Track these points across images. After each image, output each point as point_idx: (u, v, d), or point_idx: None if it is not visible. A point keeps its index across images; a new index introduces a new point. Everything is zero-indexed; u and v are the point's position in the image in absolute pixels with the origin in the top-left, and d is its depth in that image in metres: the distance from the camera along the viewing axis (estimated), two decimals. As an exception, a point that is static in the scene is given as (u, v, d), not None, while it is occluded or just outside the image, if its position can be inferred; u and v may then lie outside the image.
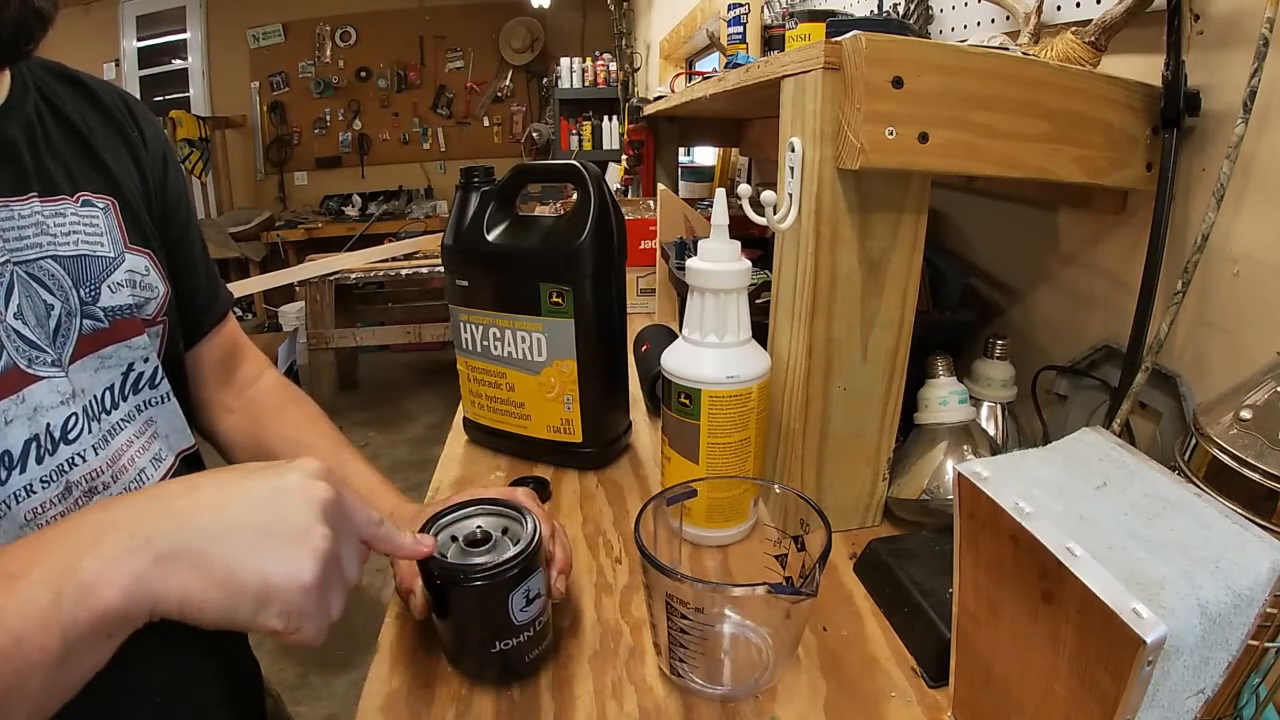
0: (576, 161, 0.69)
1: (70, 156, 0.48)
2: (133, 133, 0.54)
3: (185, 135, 4.61)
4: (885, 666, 0.48)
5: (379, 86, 5.20)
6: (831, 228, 0.53)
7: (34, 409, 0.42)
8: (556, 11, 4.82)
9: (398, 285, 3.74)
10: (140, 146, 0.55)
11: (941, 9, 0.88)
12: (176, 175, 0.58)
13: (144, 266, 0.51)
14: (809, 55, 0.50)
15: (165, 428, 0.52)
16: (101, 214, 0.49)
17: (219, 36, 4.91)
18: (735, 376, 0.56)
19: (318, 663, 1.84)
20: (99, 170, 0.50)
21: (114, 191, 0.50)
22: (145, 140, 0.55)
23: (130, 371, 0.49)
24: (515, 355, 0.73)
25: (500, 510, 0.49)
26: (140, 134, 0.55)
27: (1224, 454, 0.37)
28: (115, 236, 0.49)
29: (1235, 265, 0.53)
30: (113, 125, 0.53)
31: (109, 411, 0.47)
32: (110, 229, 0.49)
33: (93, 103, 0.52)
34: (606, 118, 4.36)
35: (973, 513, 0.37)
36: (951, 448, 0.61)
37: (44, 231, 0.44)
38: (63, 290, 0.45)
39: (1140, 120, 0.55)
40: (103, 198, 0.49)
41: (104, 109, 0.53)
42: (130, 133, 0.54)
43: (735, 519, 0.60)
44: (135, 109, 0.56)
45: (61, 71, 0.52)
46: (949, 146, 0.49)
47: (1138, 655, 0.28)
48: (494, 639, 0.45)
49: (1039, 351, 0.75)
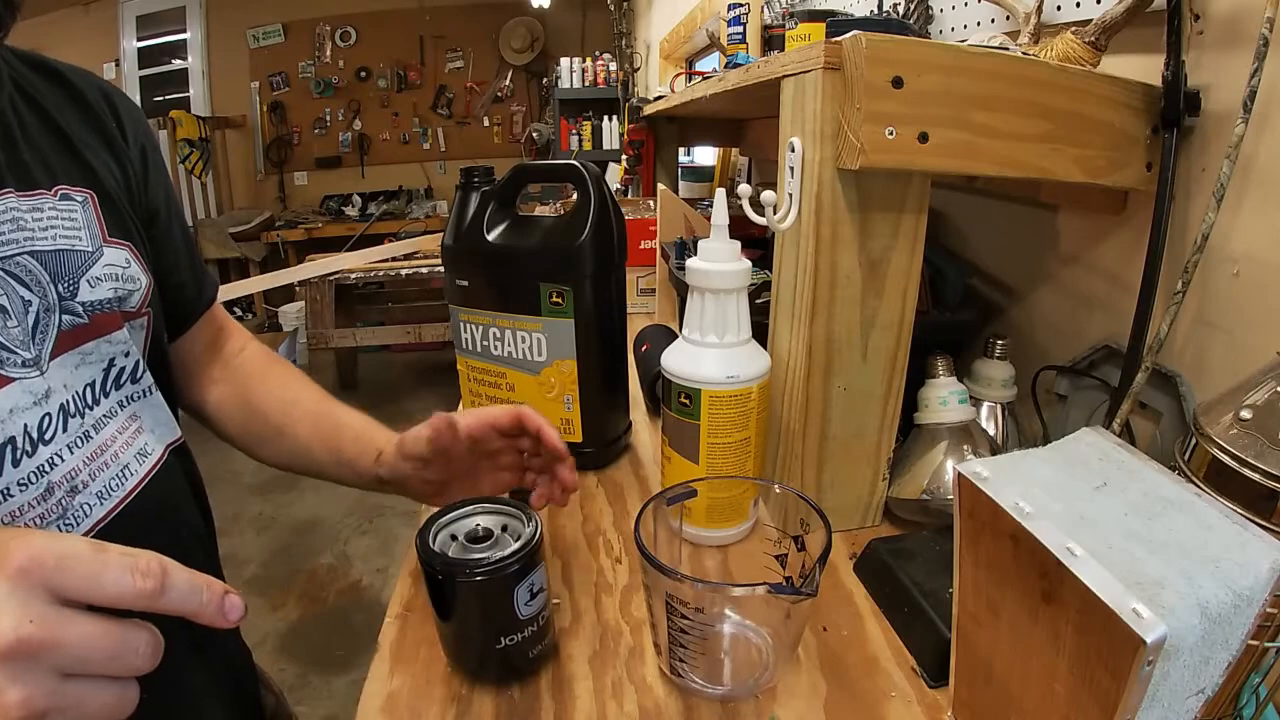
0: (576, 161, 0.69)
1: (48, 149, 0.47)
2: (111, 124, 0.53)
3: (185, 135, 4.62)
4: (885, 666, 0.48)
5: (379, 86, 5.21)
6: (831, 228, 0.53)
7: (9, 411, 0.41)
8: (556, 11, 4.82)
9: (398, 285, 3.74)
10: (119, 139, 0.54)
11: (941, 9, 0.88)
12: (158, 167, 0.57)
13: (124, 259, 0.50)
14: (809, 55, 0.50)
15: (151, 421, 0.52)
16: (80, 207, 0.48)
17: (219, 36, 4.92)
18: (735, 376, 0.56)
19: (318, 663, 1.84)
20: (77, 163, 0.49)
21: (93, 184, 0.49)
22: (124, 132, 0.54)
23: (112, 366, 0.48)
24: (515, 355, 0.73)
25: (500, 508, 0.49)
26: (119, 126, 0.54)
27: (1224, 454, 0.37)
28: (94, 230, 0.48)
29: (1235, 265, 0.53)
30: (91, 117, 0.52)
31: (91, 407, 0.47)
32: (89, 222, 0.48)
33: (70, 94, 0.51)
34: (606, 118, 4.36)
35: (973, 513, 0.37)
36: (951, 448, 0.61)
37: (20, 227, 0.44)
38: (40, 286, 0.44)
39: (1140, 120, 0.55)
40: (81, 191, 0.48)
41: (82, 100, 0.52)
42: (109, 124, 0.53)
43: (735, 519, 0.60)
44: (115, 100, 0.55)
45: (38, 62, 0.51)
46: (949, 146, 0.49)
47: (1138, 655, 0.28)
48: (498, 635, 0.45)
49: (1039, 351, 0.75)
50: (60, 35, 4.37)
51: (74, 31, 4.53)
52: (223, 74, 4.98)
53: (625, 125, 2.55)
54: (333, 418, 0.62)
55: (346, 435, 0.60)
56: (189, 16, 4.84)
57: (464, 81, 5.29)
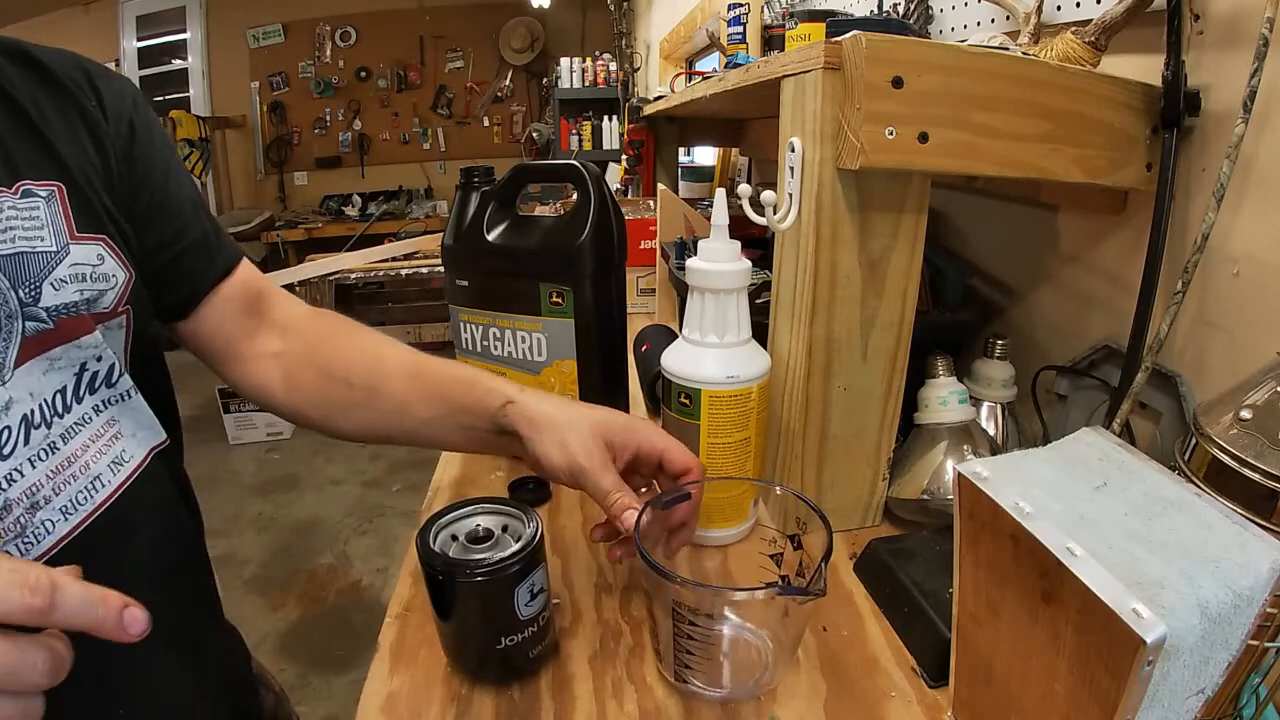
0: (576, 161, 0.69)
1: (13, 142, 0.45)
2: (90, 103, 0.50)
3: (185, 135, 4.62)
4: (885, 666, 0.48)
5: (379, 86, 5.21)
6: (831, 228, 0.53)
7: None
8: (556, 11, 4.82)
9: (398, 285, 3.75)
10: (99, 118, 0.51)
11: (941, 9, 0.88)
12: (147, 137, 0.53)
13: (96, 255, 0.47)
14: (809, 55, 0.50)
15: (132, 425, 0.50)
16: (44, 203, 0.45)
17: (219, 36, 4.92)
18: (735, 376, 0.56)
19: (318, 663, 1.84)
20: (45, 154, 0.47)
21: (61, 175, 0.47)
22: (105, 109, 0.51)
23: (84, 371, 0.46)
24: (515, 355, 0.73)
25: (501, 508, 0.49)
26: (100, 104, 0.51)
27: (1224, 454, 0.37)
28: (59, 227, 0.45)
29: (1235, 265, 0.53)
30: (67, 100, 0.49)
31: (61, 415, 0.44)
32: (53, 219, 0.45)
33: (45, 79, 0.49)
34: (606, 118, 4.36)
35: (973, 513, 0.37)
36: (951, 448, 0.61)
37: None
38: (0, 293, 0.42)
39: (1140, 120, 0.55)
40: (46, 184, 0.46)
41: (58, 85, 0.49)
42: (88, 104, 0.50)
43: (735, 519, 0.60)
44: (94, 75, 0.52)
45: (16, 51, 0.48)
46: (949, 146, 0.49)
47: (1138, 655, 0.28)
48: (498, 635, 0.45)
49: (1039, 351, 0.75)
50: (60, 35, 4.37)
51: (74, 31, 4.54)
52: (223, 74, 4.98)
53: (625, 125, 2.55)
54: (432, 367, 0.57)
55: (457, 385, 0.55)
56: (189, 16, 4.85)
57: (464, 81, 5.29)
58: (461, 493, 0.73)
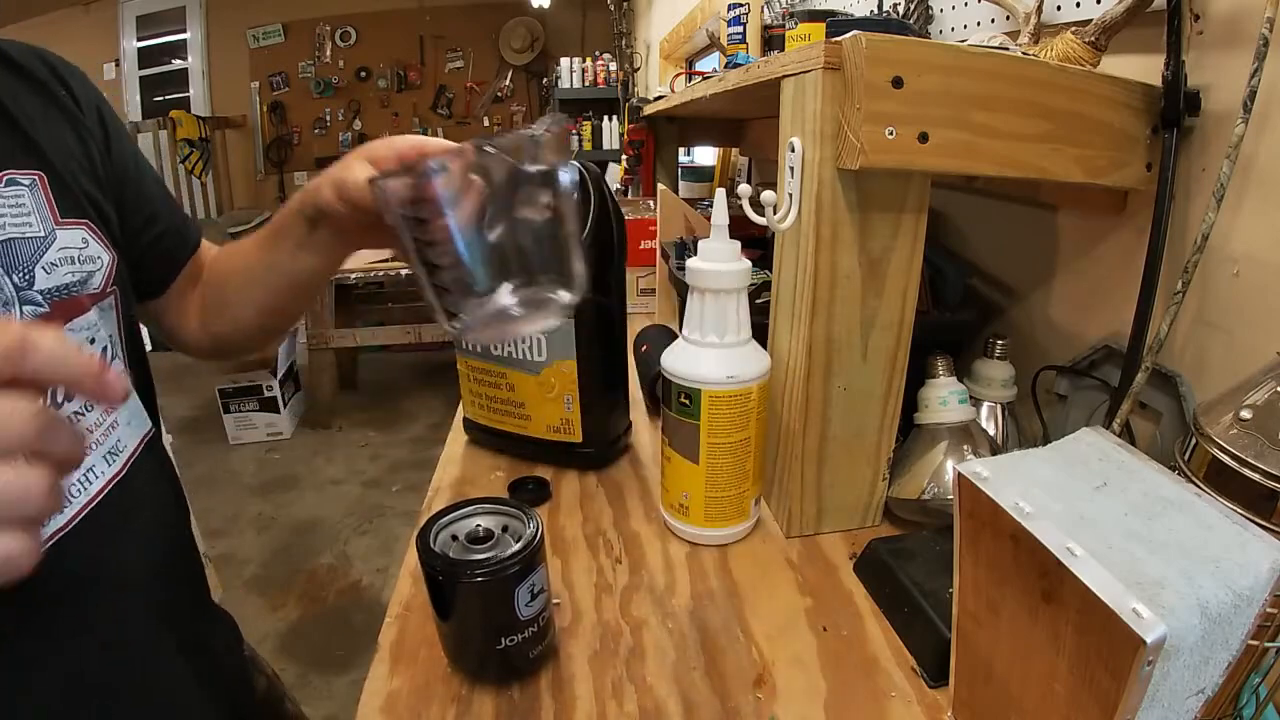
0: (576, 161, 0.69)
1: None
2: (62, 93, 0.52)
3: (185, 135, 4.62)
4: (885, 666, 0.48)
5: (379, 86, 5.21)
6: (831, 228, 0.53)
7: None
8: (556, 11, 4.82)
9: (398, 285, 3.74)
10: (74, 108, 0.52)
11: (941, 9, 0.88)
12: (117, 128, 0.56)
13: (81, 239, 0.48)
14: (809, 55, 0.50)
15: (126, 414, 0.50)
16: (28, 191, 0.46)
17: (219, 36, 4.92)
18: (735, 376, 0.56)
19: (318, 663, 1.84)
20: (25, 144, 0.47)
21: (41, 164, 0.48)
22: (78, 100, 0.53)
23: None
24: (515, 355, 0.73)
25: (500, 509, 0.49)
26: (71, 94, 0.52)
27: (1224, 454, 0.37)
28: (45, 214, 0.46)
29: (1235, 265, 0.53)
30: (39, 91, 0.50)
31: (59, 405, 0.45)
32: (38, 206, 0.46)
33: (15, 71, 0.50)
34: (606, 118, 4.36)
35: (973, 513, 0.37)
36: (951, 448, 0.61)
37: None
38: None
39: (1140, 120, 0.55)
40: (29, 173, 0.47)
41: (31, 78, 0.50)
42: (59, 93, 0.51)
43: (735, 519, 0.60)
44: (60, 69, 0.53)
45: None
46: (949, 146, 0.49)
47: (1138, 655, 0.28)
48: (498, 635, 0.45)
49: (1039, 351, 0.75)
50: (60, 35, 4.37)
51: (74, 31, 4.54)
52: (223, 74, 4.98)
53: (625, 125, 2.55)
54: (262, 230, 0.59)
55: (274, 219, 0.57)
56: (189, 16, 4.85)
57: (464, 81, 5.30)
58: (461, 493, 0.73)
